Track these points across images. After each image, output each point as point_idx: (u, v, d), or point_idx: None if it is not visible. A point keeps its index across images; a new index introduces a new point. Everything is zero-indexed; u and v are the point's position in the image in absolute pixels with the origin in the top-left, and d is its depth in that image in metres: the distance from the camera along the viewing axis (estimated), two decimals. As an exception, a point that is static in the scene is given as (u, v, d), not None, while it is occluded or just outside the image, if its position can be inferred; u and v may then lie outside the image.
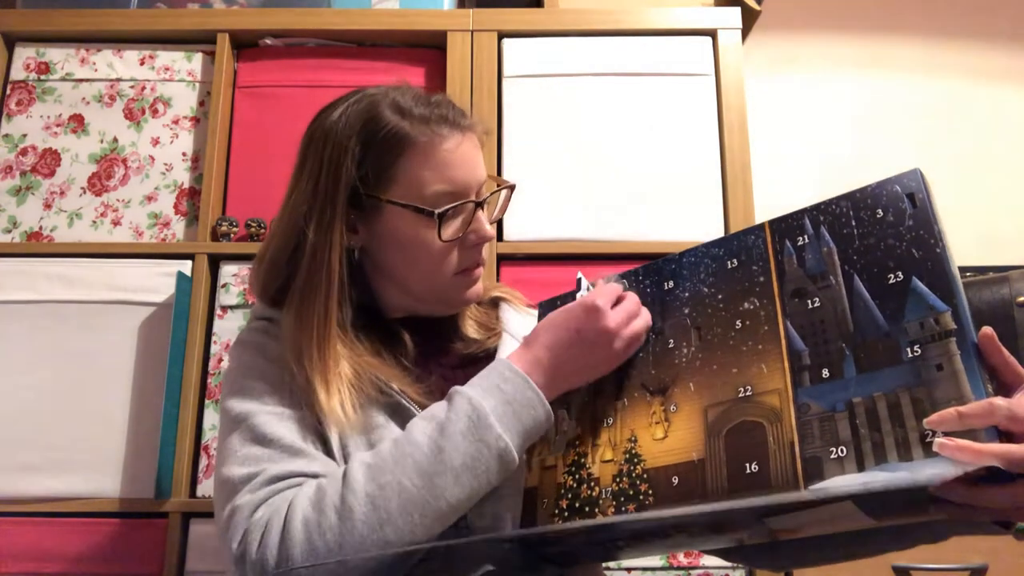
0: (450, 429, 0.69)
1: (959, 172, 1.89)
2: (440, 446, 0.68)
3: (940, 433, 0.56)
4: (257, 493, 0.70)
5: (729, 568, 1.30)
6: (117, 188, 1.46)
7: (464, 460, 0.68)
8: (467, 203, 0.83)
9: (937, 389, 0.59)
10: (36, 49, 1.52)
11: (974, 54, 1.96)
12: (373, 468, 0.68)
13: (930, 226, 0.64)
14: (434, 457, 0.68)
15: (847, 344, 0.64)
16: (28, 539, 1.28)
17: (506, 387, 0.72)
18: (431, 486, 0.67)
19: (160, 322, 1.37)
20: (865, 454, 0.59)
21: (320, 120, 0.86)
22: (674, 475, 0.69)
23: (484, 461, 0.69)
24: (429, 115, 0.82)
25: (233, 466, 0.73)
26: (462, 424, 0.69)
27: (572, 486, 0.75)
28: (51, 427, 1.32)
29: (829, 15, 1.99)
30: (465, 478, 0.68)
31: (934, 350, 0.60)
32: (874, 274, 0.65)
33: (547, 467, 0.78)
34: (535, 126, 1.48)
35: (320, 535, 0.65)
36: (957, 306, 0.61)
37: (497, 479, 0.71)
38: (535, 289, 0.89)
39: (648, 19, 1.52)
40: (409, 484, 0.67)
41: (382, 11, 1.55)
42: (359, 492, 0.67)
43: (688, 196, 1.43)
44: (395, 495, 0.67)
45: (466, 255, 0.84)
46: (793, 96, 1.94)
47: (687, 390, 0.73)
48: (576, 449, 0.77)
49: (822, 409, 0.63)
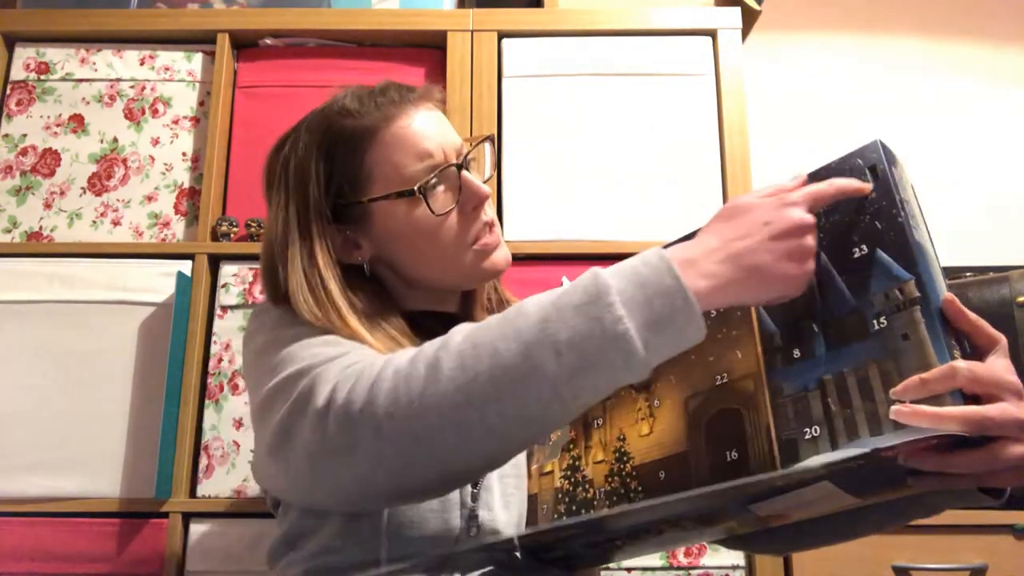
0: (563, 301, 0.59)
1: (959, 172, 1.89)
2: (547, 316, 0.59)
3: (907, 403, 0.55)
4: (345, 359, 0.64)
5: (729, 568, 1.30)
6: (117, 188, 1.46)
7: (571, 336, 0.57)
8: (447, 169, 0.81)
9: (904, 359, 0.58)
10: (36, 49, 1.52)
11: (974, 54, 1.96)
12: (475, 330, 0.62)
13: (891, 196, 0.63)
14: (538, 327, 0.58)
15: (817, 322, 0.63)
16: (28, 539, 1.28)
17: (644, 270, 0.60)
18: (527, 354, 0.58)
19: (160, 322, 1.36)
20: (838, 432, 0.59)
21: (274, 153, 0.85)
22: (661, 470, 0.69)
23: (595, 342, 0.57)
24: (374, 104, 0.81)
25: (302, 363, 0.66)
26: (577, 297, 0.59)
27: (568, 489, 0.75)
28: (51, 427, 1.32)
29: (829, 15, 1.99)
30: (569, 356, 0.57)
31: (899, 320, 0.59)
32: (840, 249, 0.64)
33: (545, 473, 0.78)
34: (535, 126, 1.48)
35: (406, 384, 0.60)
36: (920, 273, 0.59)
37: (613, 371, 0.58)
38: (535, 289, 0.88)
39: (648, 19, 1.52)
40: (504, 348, 0.58)
41: (382, 11, 1.55)
42: (452, 349, 0.61)
43: (688, 196, 1.43)
44: (487, 356, 0.59)
45: (468, 222, 0.82)
46: (793, 96, 1.94)
47: (668, 383, 0.72)
48: (570, 453, 0.77)
49: (795, 389, 0.62)
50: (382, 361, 0.63)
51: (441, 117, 0.84)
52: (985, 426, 0.54)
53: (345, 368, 0.64)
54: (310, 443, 0.62)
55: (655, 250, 0.62)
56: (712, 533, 0.78)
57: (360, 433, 0.60)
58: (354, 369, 0.63)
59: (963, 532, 1.27)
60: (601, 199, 1.44)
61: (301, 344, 0.70)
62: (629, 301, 0.58)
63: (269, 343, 0.74)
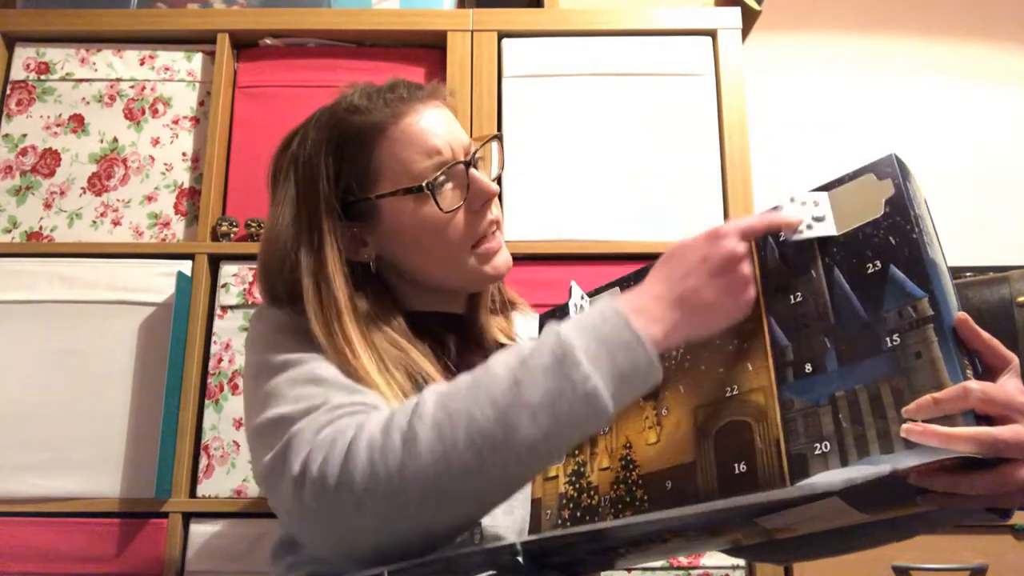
0: (532, 363, 0.62)
1: (959, 172, 1.89)
2: (518, 379, 0.61)
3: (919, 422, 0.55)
4: (321, 417, 0.65)
5: (729, 568, 1.30)
6: (117, 188, 1.46)
7: (543, 397, 0.60)
8: (455, 166, 0.81)
9: (916, 378, 0.57)
10: (36, 49, 1.52)
11: (975, 55, 1.96)
12: (445, 396, 0.63)
13: (906, 211, 0.62)
14: (510, 390, 0.61)
15: (829, 337, 0.63)
16: (28, 539, 1.28)
17: (604, 327, 0.63)
18: (503, 419, 0.60)
19: (160, 322, 1.36)
20: (848, 448, 0.58)
21: (281, 151, 0.84)
22: (668, 479, 0.69)
23: (567, 401, 0.60)
24: (384, 100, 0.81)
25: (284, 405, 0.68)
26: (545, 358, 0.61)
27: (573, 496, 0.75)
28: (51, 427, 1.32)
29: (830, 15, 1.99)
30: (543, 417, 0.60)
31: (912, 338, 0.59)
32: (853, 265, 0.64)
33: (549, 478, 0.78)
34: (535, 126, 1.48)
35: (383, 458, 0.61)
36: (934, 291, 0.59)
37: (585, 426, 0.62)
38: (535, 289, 0.89)
39: (648, 19, 1.52)
40: (479, 415, 0.60)
41: (382, 11, 1.55)
42: (427, 418, 0.61)
43: (688, 196, 1.43)
44: (463, 424, 0.60)
45: (476, 220, 0.82)
46: (793, 96, 1.94)
47: (677, 392, 0.72)
48: (576, 459, 0.77)
49: (806, 404, 0.62)
50: (355, 426, 0.64)
51: (449, 114, 0.84)
52: (997, 448, 0.53)
53: (320, 430, 0.65)
54: (290, 506, 0.64)
55: (609, 303, 0.65)
56: (717, 544, 0.78)
57: (339, 508, 0.61)
58: (327, 435, 0.64)
59: (963, 532, 1.27)
60: (601, 199, 1.44)
61: (289, 377, 0.71)
62: (594, 358, 0.61)
63: (261, 368, 0.75)
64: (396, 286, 0.85)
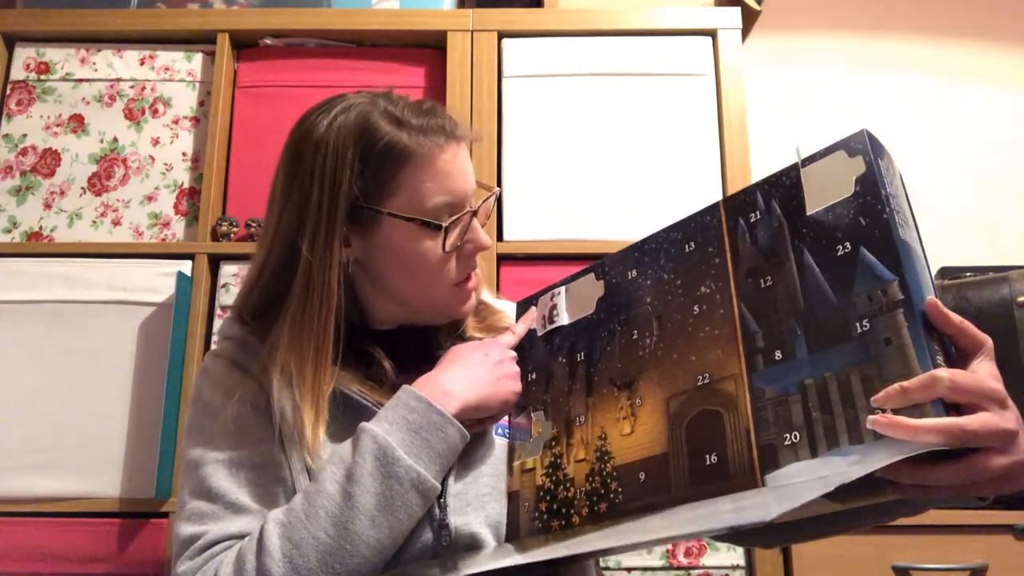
0: (358, 472, 0.69)
1: (959, 172, 1.89)
2: (349, 492, 0.68)
3: (887, 411, 0.53)
4: (194, 560, 0.71)
5: (729, 568, 1.30)
6: (117, 188, 1.46)
7: (377, 501, 0.68)
8: (466, 214, 0.83)
9: (886, 365, 0.55)
10: (36, 49, 1.52)
11: (975, 54, 1.96)
12: (286, 526, 0.68)
13: (877, 190, 0.60)
14: (345, 504, 0.68)
15: (798, 323, 0.61)
16: (28, 539, 1.28)
17: (412, 416, 0.72)
18: (347, 534, 0.67)
19: (160, 322, 1.37)
20: (818, 439, 0.57)
21: (306, 130, 0.82)
22: (641, 471, 0.68)
23: (400, 497, 0.68)
24: (425, 125, 0.80)
25: (182, 522, 0.74)
26: (369, 465, 0.69)
27: (550, 488, 0.74)
28: (51, 427, 1.32)
29: (829, 15, 1.99)
30: (381, 519, 0.68)
31: (882, 323, 0.57)
32: (823, 247, 0.62)
33: (527, 470, 0.77)
34: (535, 126, 1.48)
35: None
36: (904, 274, 0.56)
37: (421, 509, 0.70)
38: (535, 289, 0.89)
39: (648, 19, 1.52)
40: (324, 536, 0.67)
41: (382, 11, 1.55)
42: (276, 554, 0.67)
43: (688, 196, 1.43)
44: (312, 550, 0.66)
45: (463, 264, 0.84)
46: (793, 96, 1.94)
47: (651, 382, 0.71)
48: (553, 450, 0.76)
49: (776, 393, 0.61)
50: (214, 568, 0.69)
51: (469, 159, 0.86)
52: (964, 438, 0.52)
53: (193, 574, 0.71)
54: None
55: (412, 393, 0.74)
56: (698, 536, 0.78)
57: None
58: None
59: (963, 532, 1.27)
60: (601, 199, 1.44)
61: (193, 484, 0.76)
62: (411, 448, 0.70)
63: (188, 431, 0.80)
64: (368, 296, 0.85)
